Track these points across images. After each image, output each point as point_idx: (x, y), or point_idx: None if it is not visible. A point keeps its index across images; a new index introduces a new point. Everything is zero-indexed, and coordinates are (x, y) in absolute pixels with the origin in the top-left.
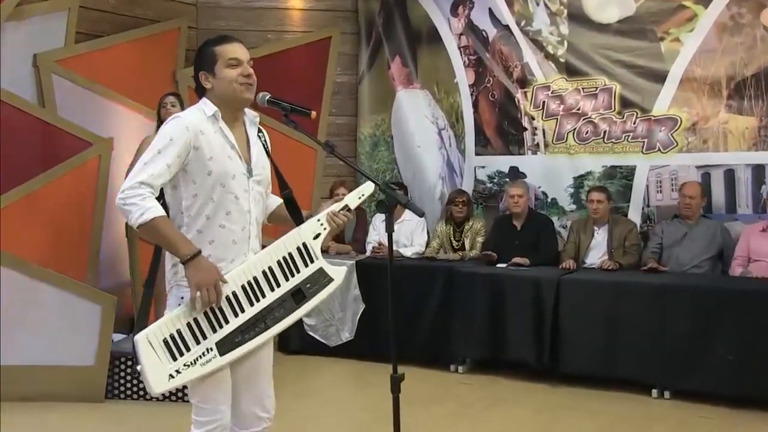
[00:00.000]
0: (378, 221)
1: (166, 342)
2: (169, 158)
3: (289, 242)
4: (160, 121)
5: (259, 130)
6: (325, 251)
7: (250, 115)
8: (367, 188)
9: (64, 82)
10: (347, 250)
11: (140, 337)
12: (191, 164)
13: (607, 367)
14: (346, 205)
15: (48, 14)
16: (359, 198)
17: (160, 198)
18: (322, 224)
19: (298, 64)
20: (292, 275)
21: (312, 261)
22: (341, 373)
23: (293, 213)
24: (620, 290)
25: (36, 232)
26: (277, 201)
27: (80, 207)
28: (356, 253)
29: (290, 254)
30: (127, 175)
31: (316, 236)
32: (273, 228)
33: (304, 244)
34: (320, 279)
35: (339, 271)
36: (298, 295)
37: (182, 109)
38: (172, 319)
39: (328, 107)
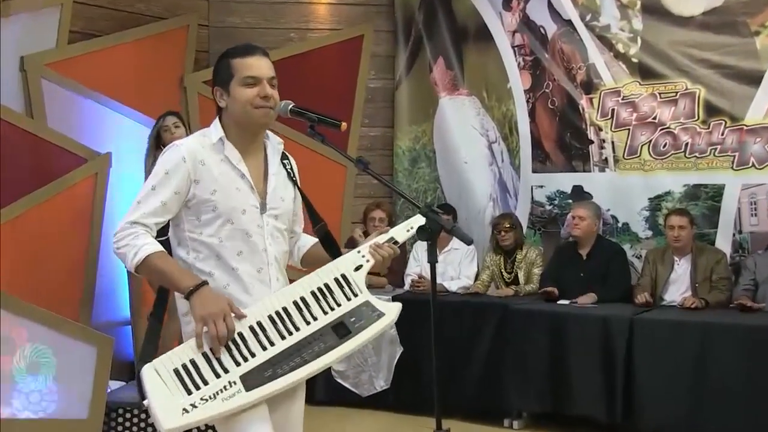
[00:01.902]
0: (419, 250)
1: (177, 372)
2: (164, 195)
3: (324, 273)
4: (156, 147)
5: (285, 157)
6: None
7: (274, 141)
8: (417, 221)
9: (55, 88)
10: (382, 283)
11: (146, 368)
12: (194, 200)
13: (691, 424)
14: (392, 238)
15: (38, 10)
16: (407, 231)
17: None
18: (363, 256)
19: (325, 67)
20: (331, 309)
21: (355, 295)
22: (375, 428)
23: (330, 249)
24: (707, 332)
25: (21, 261)
26: (310, 240)
27: (73, 233)
28: (393, 286)
29: (326, 285)
30: None
31: (358, 268)
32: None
33: (344, 276)
34: (367, 313)
35: (392, 307)
36: (341, 330)
37: (187, 132)
38: (184, 349)
39: (360, 117)
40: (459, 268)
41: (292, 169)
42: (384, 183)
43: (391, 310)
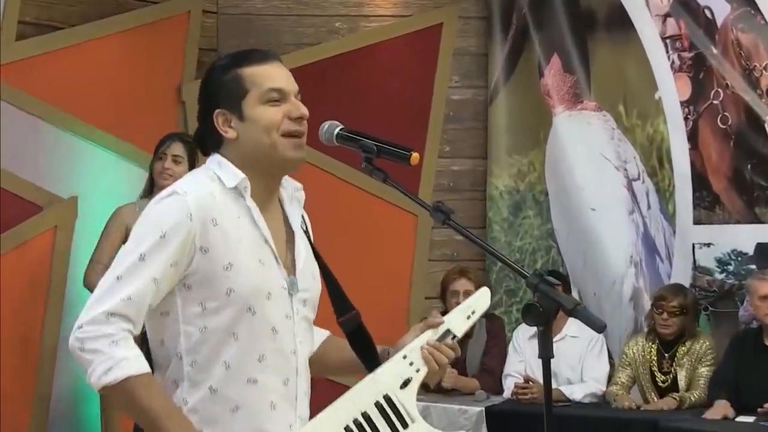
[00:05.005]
0: (523, 338)
1: None
2: (156, 267)
3: (361, 395)
4: (152, 188)
5: None
6: (432, 390)
7: (288, 186)
8: (480, 301)
9: None
10: (472, 387)
11: None
12: (196, 275)
13: None
14: (448, 331)
15: None
16: (468, 317)
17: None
18: (412, 364)
19: (386, 72)
20: None
21: (404, 425)
22: None
23: (361, 348)
24: None
25: None
26: (320, 335)
27: (22, 311)
28: (487, 392)
29: (366, 415)
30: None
31: (405, 383)
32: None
33: (388, 398)
34: None
35: None
36: None
37: (192, 167)
38: None
39: (437, 144)
40: (581, 366)
41: (307, 230)
42: (473, 240)
43: None
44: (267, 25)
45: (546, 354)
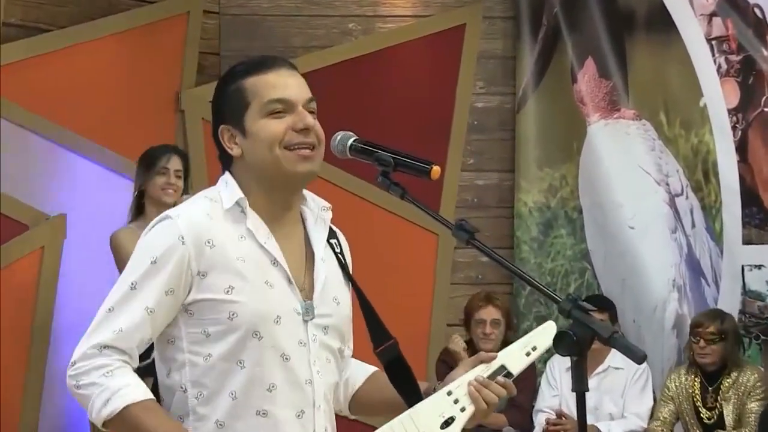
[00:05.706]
0: (560, 370)
1: None
2: (149, 297)
3: None
4: (139, 206)
5: (332, 233)
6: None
7: (314, 205)
8: (543, 337)
9: None
10: (500, 423)
11: None
12: (197, 301)
13: None
14: (503, 367)
15: None
16: (527, 354)
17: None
18: (456, 401)
19: (403, 77)
20: None
21: None
22: None
23: (401, 383)
24: None
25: None
26: (364, 371)
27: (7, 338)
28: (515, 429)
29: None
30: None
31: (447, 423)
32: None
33: None
34: None
35: None
36: None
37: (188, 188)
38: None
39: (460, 156)
40: (623, 400)
41: (342, 252)
42: (499, 262)
43: None
44: (273, 26)
45: (580, 387)
